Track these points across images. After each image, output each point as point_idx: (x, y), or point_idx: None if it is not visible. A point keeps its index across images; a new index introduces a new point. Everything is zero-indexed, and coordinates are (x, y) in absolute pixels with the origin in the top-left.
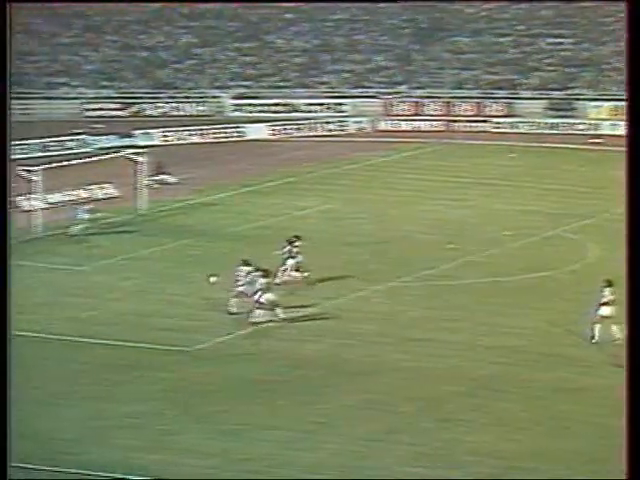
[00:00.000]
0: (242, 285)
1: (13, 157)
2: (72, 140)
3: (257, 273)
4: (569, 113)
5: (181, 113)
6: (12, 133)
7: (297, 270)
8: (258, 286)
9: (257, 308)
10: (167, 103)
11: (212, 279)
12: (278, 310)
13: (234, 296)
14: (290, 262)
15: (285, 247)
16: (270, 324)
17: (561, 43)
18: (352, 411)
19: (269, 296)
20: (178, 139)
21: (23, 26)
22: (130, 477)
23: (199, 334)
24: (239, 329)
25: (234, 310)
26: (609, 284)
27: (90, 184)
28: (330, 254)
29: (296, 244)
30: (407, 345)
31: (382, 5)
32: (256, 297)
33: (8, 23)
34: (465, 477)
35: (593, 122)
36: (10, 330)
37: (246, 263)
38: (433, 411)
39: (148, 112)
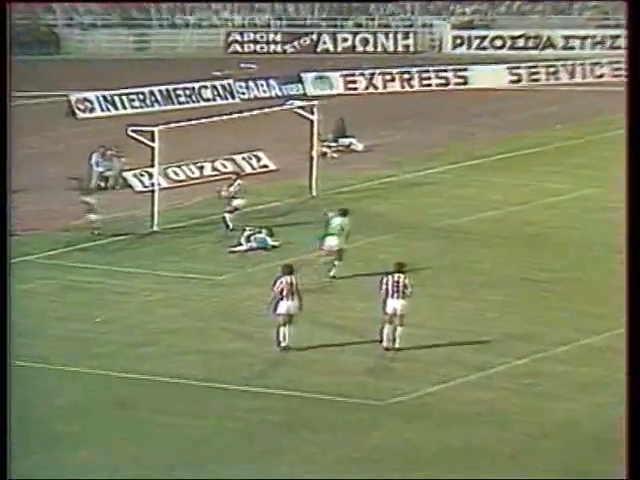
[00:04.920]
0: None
1: (123, 112)
2: (211, 87)
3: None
4: None
5: (375, 49)
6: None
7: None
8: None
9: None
10: (354, 34)
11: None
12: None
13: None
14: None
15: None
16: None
17: None
18: None
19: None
20: (369, 87)
21: None
22: None
23: (395, 380)
24: (457, 375)
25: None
26: None
27: (236, 153)
28: (586, 263)
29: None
30: None
31: None
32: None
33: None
34: None
35: None
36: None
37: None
38: None
39: (325, 47)
